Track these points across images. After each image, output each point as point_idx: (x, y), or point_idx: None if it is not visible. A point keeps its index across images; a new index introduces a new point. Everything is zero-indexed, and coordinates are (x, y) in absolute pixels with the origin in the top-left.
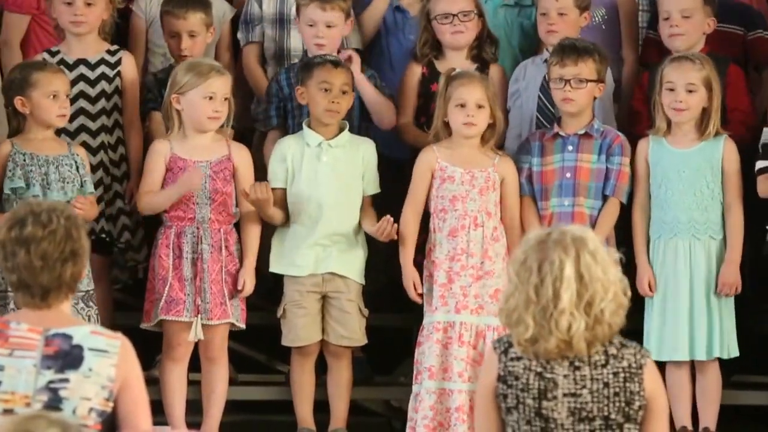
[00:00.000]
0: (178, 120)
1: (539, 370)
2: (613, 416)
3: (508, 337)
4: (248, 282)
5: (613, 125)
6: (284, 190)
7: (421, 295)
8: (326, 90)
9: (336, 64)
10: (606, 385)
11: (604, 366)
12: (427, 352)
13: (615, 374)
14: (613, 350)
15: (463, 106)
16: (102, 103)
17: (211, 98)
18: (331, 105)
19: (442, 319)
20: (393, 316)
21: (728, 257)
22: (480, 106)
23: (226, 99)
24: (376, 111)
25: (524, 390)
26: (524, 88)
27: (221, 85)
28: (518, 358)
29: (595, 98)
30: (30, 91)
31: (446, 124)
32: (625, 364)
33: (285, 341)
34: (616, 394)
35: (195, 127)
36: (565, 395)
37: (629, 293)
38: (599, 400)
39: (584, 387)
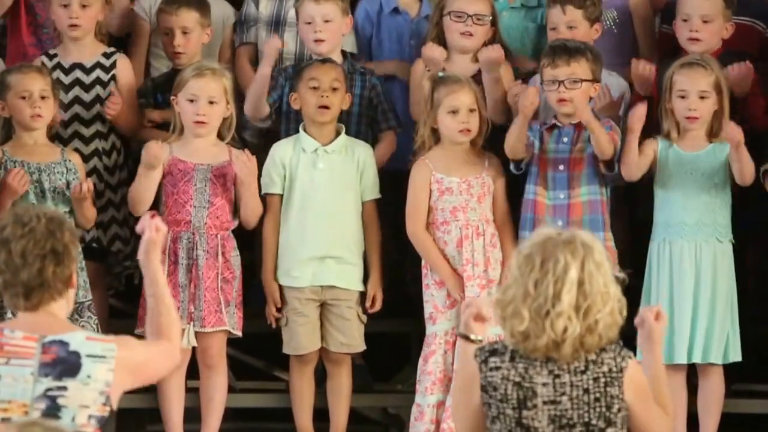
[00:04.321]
0: (179, 123)
1: (517, 379)
2: (594, 422)
3: (489, 345)
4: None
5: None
6: (281, 196)
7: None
8: (315, 87)
9: (323, 61)
10: (586, 391)
11: (583, 372)
12: (436, 363)
13: (595, 380)
14: (592, 356)
15: (455, 112)
16: (97, 108)
17: (192, 101)
18: (321, 100)
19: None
20: (391, 322)
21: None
22: (471, 110)
23: (211, 102)
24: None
25: (503, 401)
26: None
27: (205, 86)
28: (497, 368)
29: (590, 98)
30: (6, 93)
31: (434, 131)
32: (605, 368)
33: (287, 349)
34: (597, 399)
35: (188, 131)
36: (545, 403)
37: (625, 313)
38: (579, 407)
39: (564, 394)
